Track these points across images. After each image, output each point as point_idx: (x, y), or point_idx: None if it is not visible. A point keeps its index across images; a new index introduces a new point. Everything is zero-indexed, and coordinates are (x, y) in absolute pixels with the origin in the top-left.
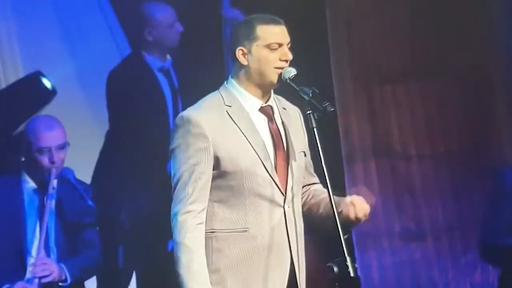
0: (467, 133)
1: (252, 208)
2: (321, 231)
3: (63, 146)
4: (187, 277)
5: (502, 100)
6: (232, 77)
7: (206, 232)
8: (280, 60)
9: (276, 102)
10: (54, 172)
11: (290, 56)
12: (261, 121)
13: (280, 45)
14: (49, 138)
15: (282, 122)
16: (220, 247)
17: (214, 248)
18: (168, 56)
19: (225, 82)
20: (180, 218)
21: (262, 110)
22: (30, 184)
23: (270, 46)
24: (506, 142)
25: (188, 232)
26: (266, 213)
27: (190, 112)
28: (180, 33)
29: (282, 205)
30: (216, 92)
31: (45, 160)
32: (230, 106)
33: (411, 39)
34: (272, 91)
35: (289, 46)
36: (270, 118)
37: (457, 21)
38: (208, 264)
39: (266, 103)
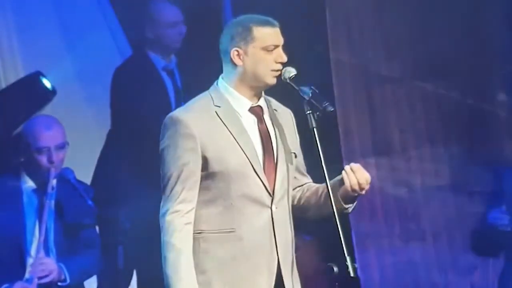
0: (467, 133)
1: (239, 209)
2: (319, 217)
3: (62, 146)
4: (173, 277)
5: (502, 100)
6: (223, 77)
7: (194, 233)
8: (276, 62)
9: (267, 103)
10: (53, 172)
11: (285, 58)
12: (250, 122)
13: (276, 46)
14: (48, 138)
15: (272, 123)
16: (207, 248)
17: (201, 248)
18: (173, 56)
19: (215, 83)
20: (168, 217)
21: (251, 110)
22: (29, 184)
23: (267, 48)
24: (506, 142)
25: (176, 231)
26: (253, 214)
27: (179, 113)
28: (182, 34)
29: (270, 206)
30: (206, 92)
31: (44, 160)
32: (219, 107)
33: (411, 39)
34: (263, 92)
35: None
36: (260, 119)
37: (457, 21)
38: (195, 265)
39: (256, 103)
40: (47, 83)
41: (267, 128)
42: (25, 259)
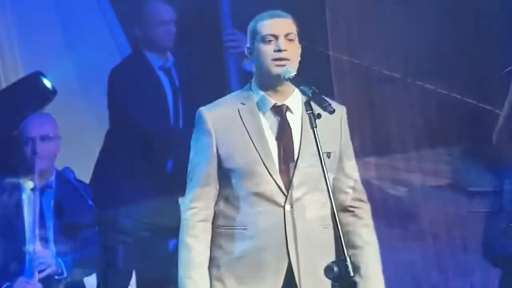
0: (467, 133)
1: (250, 207)
2: None
3: (48, 138)
4: (183, 274)
5: (502, 100)
6: None
7: (214, 228)
8: (274, 51)
9: (303, 101)
10: (38, 163)
11: (283, 46)
12: (272, 121)
13: (275, 36)
14: (34, 128)
15: (302, 123)
16: (222, 244)
17: (218, 244)
18: (170, 55)
19: (251, 80)
20: (184, 215)
21: (274, 109)
22: (25, 181)
23: (264, 38)
24: (506, 142)
25: (189, 229)
26: (263, 213)
27: (204, 108)
28: (172, 34)
29: (283, 205)
30: (243, 89)
31: (28, 151)
32: (243, 104)
33: (411, 39)
34: (294, 92)
35: (290, 38)
36: (282, 118)
37: (457, 21)
38: (212, 259)
39: (281, 102)
40: (47, 83)
41: (290, 128)
42: (23, 255)
